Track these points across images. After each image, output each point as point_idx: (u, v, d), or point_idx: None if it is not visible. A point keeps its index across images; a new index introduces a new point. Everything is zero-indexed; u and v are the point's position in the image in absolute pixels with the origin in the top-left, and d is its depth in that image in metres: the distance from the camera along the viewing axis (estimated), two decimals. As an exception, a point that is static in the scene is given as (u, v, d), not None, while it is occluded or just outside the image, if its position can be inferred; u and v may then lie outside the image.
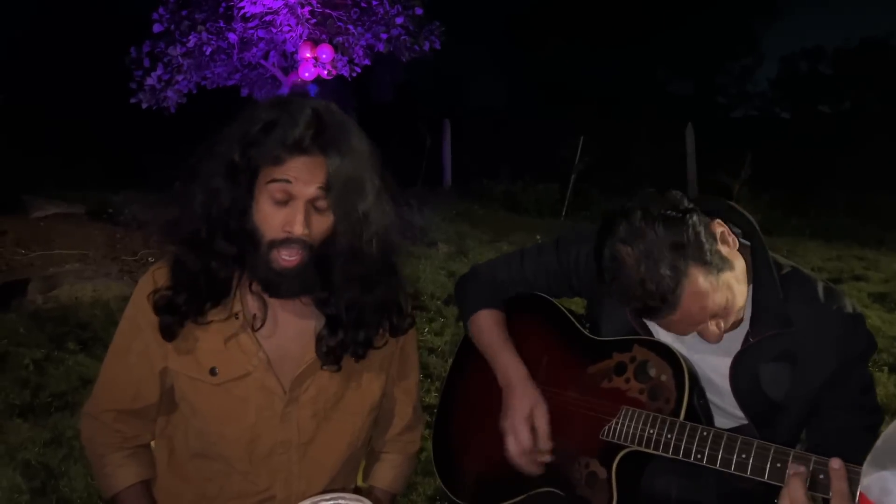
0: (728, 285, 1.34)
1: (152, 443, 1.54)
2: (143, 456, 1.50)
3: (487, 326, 1.67)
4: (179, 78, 8.73)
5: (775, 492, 1.52)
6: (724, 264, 1.33)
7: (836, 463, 1.15)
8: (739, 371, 1.45)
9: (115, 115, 11.84)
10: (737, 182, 10.34)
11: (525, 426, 1.51)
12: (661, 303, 1.29)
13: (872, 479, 0.69)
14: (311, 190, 1.29)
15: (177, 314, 1.36)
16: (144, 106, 8.91)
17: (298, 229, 1.28)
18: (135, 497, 1.46)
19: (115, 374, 1.46)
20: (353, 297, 1.39)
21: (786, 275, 1.46)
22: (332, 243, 1.33)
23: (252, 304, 1.40)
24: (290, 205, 1.29)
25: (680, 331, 1.38)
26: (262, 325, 1.40)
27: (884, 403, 4.07)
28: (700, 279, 1.30)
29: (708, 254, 1.31)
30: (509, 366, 1.59)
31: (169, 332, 1.37)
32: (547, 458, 1.52)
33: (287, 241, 1.30)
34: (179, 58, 8.61)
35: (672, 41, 26.42)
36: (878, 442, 0.70)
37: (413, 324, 1.51)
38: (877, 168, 13.54)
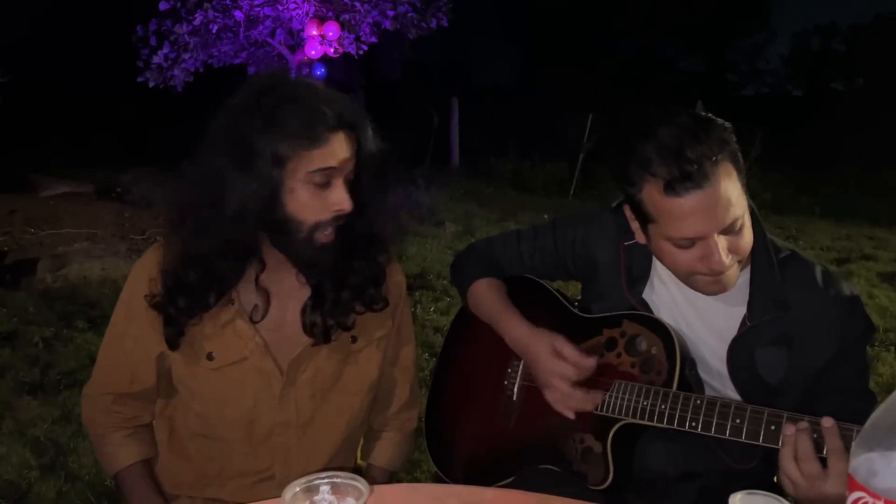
0: (745, 214, 1.33)
1: (154, 422, 1.55)
2: (143, 435, 1.52)
3: (488, 293, 1.65)
4: (186, 56, 8.71)
5: (772, 469, 1.53)
6: (744, 198, 1.33)
7: (827, 422, 1.17)
8: (737, 354, 1.44)
9: (123, 94, 11.84)
10: (746, 160, 10.21)
11: (558, 361, 1.46)
12: (696, 168, 1.25)
13: (860, 461, 0.69)
14: (350, 166, 1.32)
15: (176, 325, 1.37)
16: (151, 84, 8.90)
17: (348, 206, 1.30)
18: (135, 476, 1.47)
19: (112, 357, 1.47)
20: (344, 261, 1.39)
21: (784, 258, 1.44)
22: (357, 215, 1.36)
23: (253, 295, 1.39)
24: (331, 184, 1.30)
25: (700, 228, 1.29)
26: (263, 317, 1.39)
27: (889, 383, 4.06)
28: (734, 176, 1.29)
29: (742, 167, 1.32)
30: (515, 326, 1.56)
31: (173, 344, 1.38)
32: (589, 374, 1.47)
33: (334, 219, 1.31)
34: (186, 36, 8.59)
35: (683, 17, 26.09)
36: (867, 424, 0.70)
37: (386, 305, 1.49)
38: (890, 146, 13.40)
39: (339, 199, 1.30)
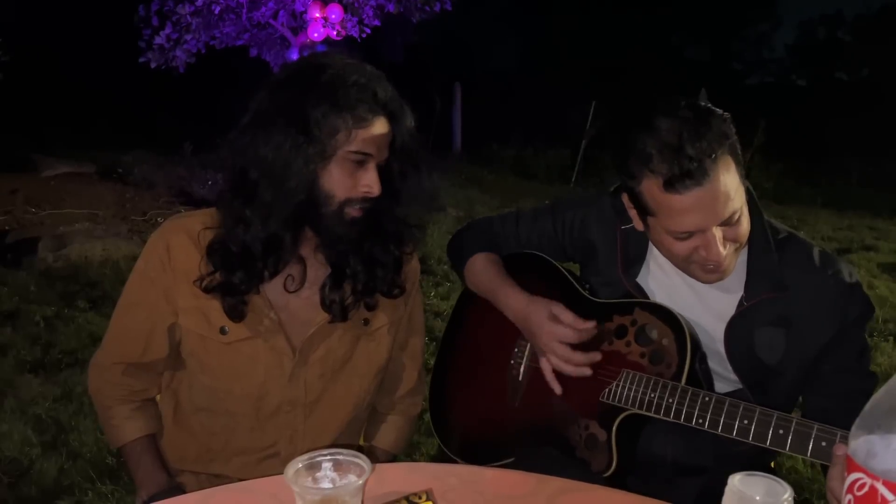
0: (743, 204, 1.33)
1: (158, 396, 1.56)
2: (149, 409, 1.53)
3: (484, 267, 1.66)
4: (188, 37, 8.64)
5: (770, 453, 1.53)
6: (742, 189, 1.33)
7: (839, 450, 1.13)
8: (734, 335, 1.44)
9: (125, 74, 11.79)
10: (749, 150, 10.26)
11: (556, 325, 1.49)
12: (696, 165, 1.25)
13: (859, 443, 0.69)
14: (385, 153, 1.35)
15: (238, 293, 1.37)
16: (153, 65, 8.84)
17: (377, 190, 1.33)
18: (141, 450, 1.48)
19: (126, 326, 1.47)
20: (371, 243, 1.41)
21: (782, 239, 1.45)
22: (389, 201, 1.39)
23: (291, 266, 1.40)
24: (364, 166, 1.33)
25: (698, 223, 1.30)
26: (299, 287, 1.40)
27: (888, 372, 4.07)
28: (732, 168, 1.29)
29: (740, 158, 1.32)
30: (513, 296, 1.58)
31: (237, 313, 1.38)
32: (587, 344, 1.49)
33: (363, 199, 1.34)
34: (188, 17, 8.51)
35: (688, 5, 25.93)
36: (867, 406, 0.70)
37: (402, 292, 1.51)
38: (893, 137, 13.37)
39: (370, 181, 1.33)
